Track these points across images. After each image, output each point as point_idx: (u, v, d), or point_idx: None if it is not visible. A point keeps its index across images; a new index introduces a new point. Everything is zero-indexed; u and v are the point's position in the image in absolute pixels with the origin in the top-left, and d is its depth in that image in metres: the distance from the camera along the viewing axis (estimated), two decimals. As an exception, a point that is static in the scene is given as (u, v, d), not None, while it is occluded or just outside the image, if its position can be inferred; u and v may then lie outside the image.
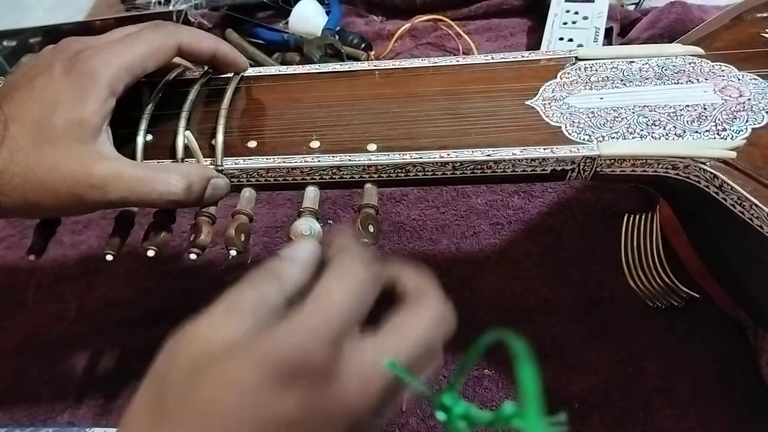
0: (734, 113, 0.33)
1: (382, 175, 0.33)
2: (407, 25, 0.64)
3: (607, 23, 0.59)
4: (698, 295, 0.41)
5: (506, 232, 0.49)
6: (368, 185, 0.34)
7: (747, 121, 0.33)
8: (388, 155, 0.33)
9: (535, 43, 0.62)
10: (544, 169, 0.33)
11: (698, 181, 0.32)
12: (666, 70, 0.35)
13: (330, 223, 0.32)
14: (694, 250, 0.40)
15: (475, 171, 0.33)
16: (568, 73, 0.36)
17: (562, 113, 0.34)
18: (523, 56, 0.37)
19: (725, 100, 0.34)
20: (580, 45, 0.57)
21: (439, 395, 0.21)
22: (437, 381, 0.42)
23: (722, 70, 0.35)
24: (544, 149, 0.32)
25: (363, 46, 0.62)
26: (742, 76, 0.35)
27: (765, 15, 0.39)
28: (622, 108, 0.34)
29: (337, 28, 0.63)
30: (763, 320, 0.37)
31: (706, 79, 0.35)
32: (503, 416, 0.19)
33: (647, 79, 0.35)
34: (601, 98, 0.34)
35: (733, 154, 0.31)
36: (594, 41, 0.57)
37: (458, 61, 0.37)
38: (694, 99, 0.34)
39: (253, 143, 0.34)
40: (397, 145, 0.33)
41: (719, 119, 0.33)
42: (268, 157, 0.33)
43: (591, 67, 0.36)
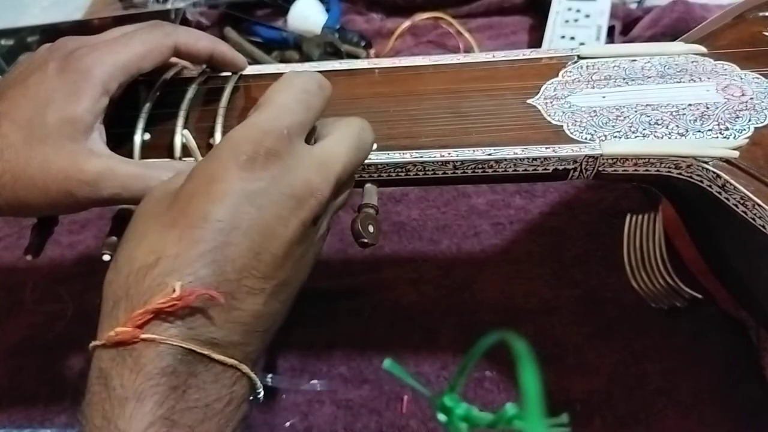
0: (737, 112, 0.33)
1: (382, 174, 0.33)
2: (407, 23, 0.63)
3: (610, 21, 0.59)
4: (701, 296, 0.41)
5: (508, 232, 0.49)
6: (368, 185, 0.34)
7: (750, 120, 0.32)
8: (388, 154, 0.32)
9: (536, 42, 0.61)
10: (545, 169, 0.32)
11: (701, 181, 0.32)
12: (668, 68, 0.35)
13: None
14: (697, 251, 0.39)
15: (476, 170, 0.33)
16: (570, 72, 0.35)
17: (563, 112, 0.33)
18: (524, 54, 0.36)
19: (728, 99, 0.33)
20: (582, 43, 0.57)
21: (440, 397, 0.21)
22: (438, 382, 0.42)
23: (725, 69, 0.35)
24: (546, 148, 0.32)
25: (363, 44, 0.62)
26: (745, 75, 0.34)
27: (767, 14, 0.38)
28: (624, 107, 0.33)
29: (337, 26, 0.63)
30: (766, 320, 0.37)
31: (709, 78, 0.34)
32: (504, 418, 0.18)
33: (649, 77, 0.35)
34: (604, 97, 0.34)
35: (736, 153, 0.31)
36: (596, 39, 0.57)
37: (459, 59, 0.37)
38: (697, 98, 0.33)
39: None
40: (397, 144, 0.33)
41: (722, 118, 0.32)
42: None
43: (593, 66, 0.35)
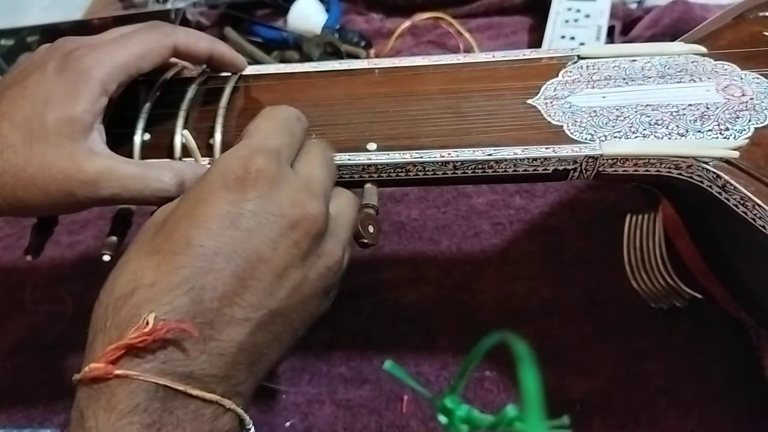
0: (737, 112, 0.33)
1: (382, 174, 0.33)
2: (407, 23, 0.63)
3: (610, 21, 0.59)
4: (701, 296, 0.41)
5: (508, 233, 0.49)
6: (368, 185, 0.34)
7: (750, 120, 0.32)
8: (388, 154, 0.32)
9: (536, 42, 0.61)
10: (545, 169, 0.32)
11: (701, 181, 0.32)
12: (669, 68, 0.35)
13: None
14: (697, 251, 0.39)
15: (476, 170, 0.33)
16: (570, 72, 0.35)
17: (564, 112, 0.33)
18: (524, 54, 0.36)
19: (728, 99, 0.33)
20: (582, 43, 0.57)
21: (441, 398, 0.21)
22: (438, 382, 0.42)
23: (725, 69, 0.35)
24: (546, 149, 0.32)
25: (363, 44, 0.62)
26: (745, 75, 0.34)
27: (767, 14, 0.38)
28: (624, 107, 0.33)
29: (337, 26, 0.63)
30: (766, 320, 0.37)
31: (709, 78, 0.34)
32: (505, 419, 0.18)
33: (650, 77, 0.35)
34: (604, 97, 0.34)
35: (736, 153, 0.31)
36: (596, 39, 0.57)
37: (459, 59, 0.37)
38: (697, 98, 0.33)
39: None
40: (398, 144, 0.33)
41: (722, 119, 0.32)
42: (266, 156, 0.33)
43: (593, 66, 0.35)
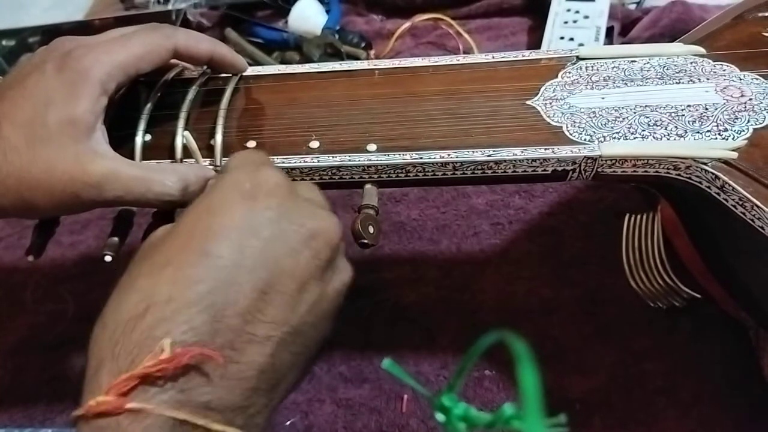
0: (736, 113, 0.33)
1: (382, 175, 0.33)
2: (407, 24, 0.63)
3: (608, 22, 0.59)
4: (700, 296, 0.41)
5: (507, 233, 0.49)
6: (368, 185, 0.34)
7: (748, 121, 0.32)
8: (388, 155, 0.33)
9: (535, 43, 0.62)
10: (545, 170, 0.32)
11: (699, 182, 0.32)
12: (667, 69, 0.35)
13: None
14: (696, 251, 0.39)
15: (476, 171, 0.33)
16: (569, 73, 0.35)
17: (563, 113, 0.33)
18: (523, 55, 0.37)
19: (727, 100, 0.33)
20: (581, 44, 0.57)
21: (439, 396, 0.21)
22: (438, 382, 0.42)
23: (724, 70, 0.35)
24: (545, 149, 0.32)
25: (363, 45, 0.62)
26: (744, 76, 0.35)
27: (766, 14, 0.38)
28: (623, 108, 0.33)
29: (337, 27, 0.63)
30: (765, 320, 0.37)
31: (708, 79, 0.34)
32: (503, 418, 0.19)
33: (649, 78, 0.35)
34: (603, 98, 0.34)
35: (735, 154, 0.31)
36: (595, 40, 0.57)
37: (459, 60, 0.37)
38: (696, 99, 0.34)
39: (253, 143, 0.34)
40: (397, 145, 0.33)
41: (721, 119, 0.33)
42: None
43: (592, 67, 0.36)
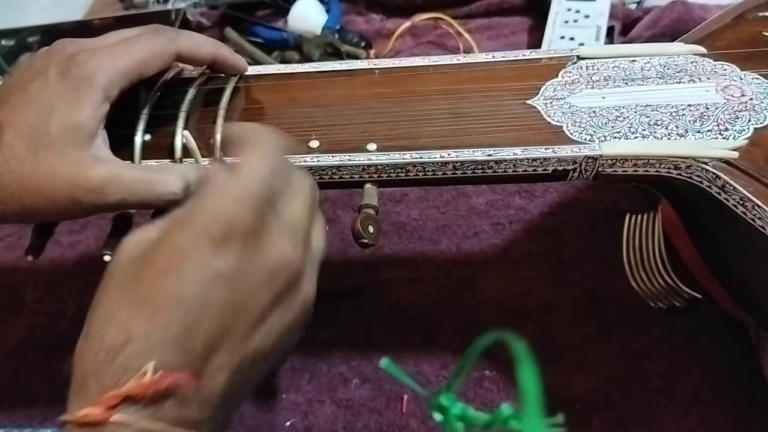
0: (736, 113, 0.33)
1: (382, 175, 0.33)
2: (407, 24, 0.63)
3: (609, 22, 0.59)
4: (700, 296, 0.41)
5: (507, 232, 0.49)
6: (368, 185, 0.34)
7: (749, 120, 0.32)
8: (388, 155, 0.33)
9: (536, 42, 0.61)
10: (545, 169, 0.32)
11: (700, 182, 0.32)
12: (668, 69, 0.35)
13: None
14: (696, 251, 0.39)
15: (476, 171, 0.33)
16: (570, 72, 0.35)
17: (563, 113, 0.33)
18: (524, 55, 0.36)
19: (727, 99, 0.33)
20: (581, 44, 0.57)
21: (437, 396, 0.21)
22: (438, 382, 0.42)
23: (724, 70, 0.35)
24: (546, 149, 0.32)
25: (363, 44, 0.62)
26: (745, 76, 0.34)
27: (767, 14, 0.38)
28: (624, 107, 0.33)
29: (337, 27, 0.63)
30: (765, 320, 0.37)
31: (709, 79, 0.34)
32: (500, 417, 0.19)
33: (649, 78, 0.35)
34: (603, 97, 0.34)
35: (735, 154, 0.31)
36: (596, 40, 0.57)
37: (459, 59, 0.37)
38: (697, 98, 0.34)
39: (252, 143, 0.34)
40: (397, 144, 0.33)
41: (721, 119, 0.32)
42: (267, 157, 0.33)
43: (593, 66, 0.36)
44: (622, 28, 0.61)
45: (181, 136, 0.33)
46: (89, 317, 0.26)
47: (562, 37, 0.58)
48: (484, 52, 0.37)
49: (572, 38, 0.58)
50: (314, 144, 0.33)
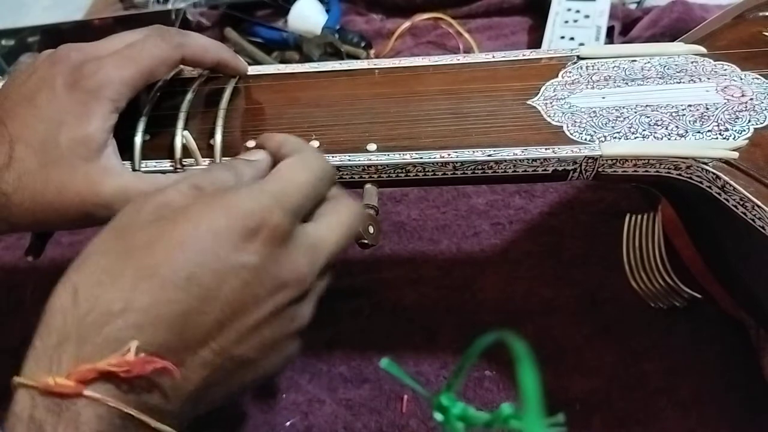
0: (737, 113, 0.33)
1: (382, 175, 0.33)
2: (407, 24, 0.63)
3: (609, 22, 0.59)
4: (700, 296, 0.41)
5: (507, 233, 0.49)
6: (368, 185, 0.34)
7: (749, 121, 0.32)
8: (388, 155, 0.33)
9: (536, 42, 0.61)
10: (545, 170, 0.32)
11: (700, 182, 0.32)
12: (668, 69, 0.35)
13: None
14: (696, 251, 0.39)
15: (476, 171, 0.33)
16: (570, 72, 0.35)
17: (563, 113, 0.33)
18: (524, 55, 0.36)
19: (727, 99, 0.33)
20: (581, 44, 0.57)
21: (437, 396, 0.21)
22: (438, 382, 0.42)
23: (724, 70, 0.35)
24: (546, 149, 0.32)
25: (363, 44, 0.62)
26: (745, 76, 0.34)
27: (767, 14, 0.38)
28: (624, 107, 0.33)
29: (337, 27, 0.63)
30: (765, 320, 0.37)
31: (709, 79, 0.34)
32: (501, 417, 0.19)
33: (649, 78, 0.35)
34: (603, 98, 0.34)
35: (736, 154, 0.31)
36: (595, 40, 0.57)
37: (459, 59, 0.37)
38: (697, 98, 0.34)
39: (252, 143, 0.34)
40: (398, 144, 0.33)
41: (721, 119, 0.32)
42: (267, 157, 0.33)
43: (593, 66, 0.36)
44: (622, 28, 0.61)
45: (181, 136, 0.33)
46: (81, 265, 0.24)
47: (562, 37, 0.58)
48: (484, 52, 0.37)
49: (572, 38, 0.58)
50: (314, 144, 0.33)
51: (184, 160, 0.33)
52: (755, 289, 0.34)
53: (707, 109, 0.33)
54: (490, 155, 0.32)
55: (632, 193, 0.49)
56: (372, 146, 0.33)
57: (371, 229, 0.31)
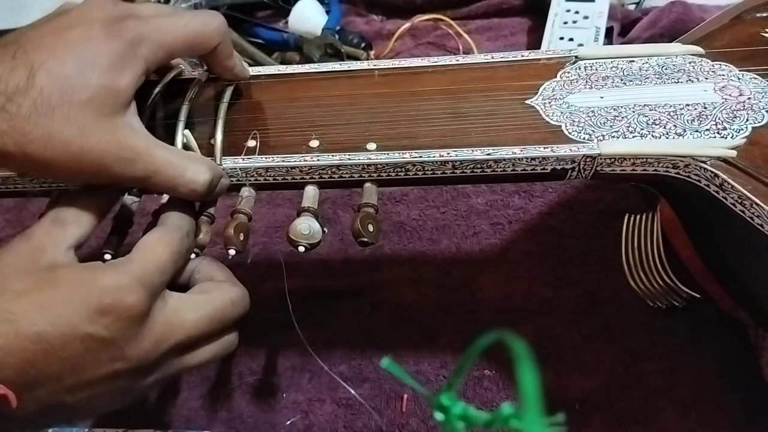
0: (734, 112, 0.33)
1: (382, 174, 0.33)
2: (407, 25, 0.64)
3: (608, 23, 0.59)
4: (699, 295, 0.41)
5: (506, 232, 0.49)
6: (368, 184, 0.34)
7: (747, 120, 0.32)
8: (388, 154, 0.33)
9: (535, 43, 0.62)
10: (544, 169, 0.33)
11: (698, 180, 0.32)
12: (666, 69, 0.35)
13: (325, 230, 0.32)
14: (695, 250, 0.40)
15: (475, 170, 0.33)
16: (569, 73, 0.36)
17: (562, 112, 0.33)
18: (523, 55, 0.37)
19: (725, 99, 0.33)
20: (580, 44, 0.57)
21: (437, 395, 0.21)
22: (438, 381, 0.42)
23: (722, 69, 0.35)
24: (544, 148, 0.32)
25: (363, 45, 0.62)
26: (742, 75, 0.35)
27: (765, 15, 0.38)
28: (622, 107, 0.33)
29: (337, 28, 0.63)
30: (764, 320, 0.37)
31: (707, 78, 0.35)
32: (501, 417, 0.19)
33: (647, 78, 0.35)
34: (602, 97, 0.34)
35: (734, 153, 0.31)
36: (594, 41, 0.57)
37: (458, 60, 0.37)
38: (695, 98, 0.34)
39: (253, 142, 0.34)
40: (397, 144, 0.33)
41: (719, 118, 0.33)
42: (267, 156, 0.33)
43: (591, 67, 0.36)
44: (621, 29, 0.61)
45: (182, 135, 0.33)
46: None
47: (561, 38, 0.58)
48: (484, 53, 0.37)
49: (571, 39, 0.58)
50: (314, 143, 0.33)
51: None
52: (753, 288, 0.34)
53: (705, 108, 0.33)
54: (489, 154, 0.32)
55: (631, 193, 0.49)
56: (371, 145, 0.33)
57: (370, 228, 0.32)
